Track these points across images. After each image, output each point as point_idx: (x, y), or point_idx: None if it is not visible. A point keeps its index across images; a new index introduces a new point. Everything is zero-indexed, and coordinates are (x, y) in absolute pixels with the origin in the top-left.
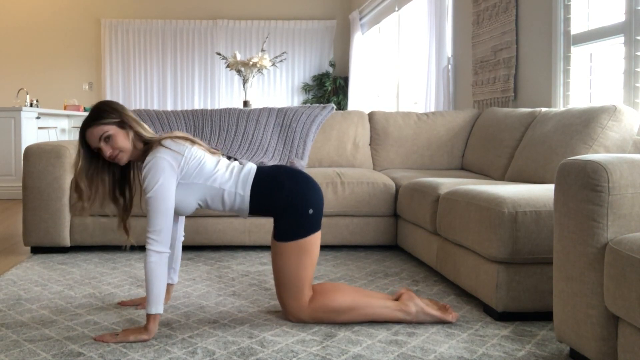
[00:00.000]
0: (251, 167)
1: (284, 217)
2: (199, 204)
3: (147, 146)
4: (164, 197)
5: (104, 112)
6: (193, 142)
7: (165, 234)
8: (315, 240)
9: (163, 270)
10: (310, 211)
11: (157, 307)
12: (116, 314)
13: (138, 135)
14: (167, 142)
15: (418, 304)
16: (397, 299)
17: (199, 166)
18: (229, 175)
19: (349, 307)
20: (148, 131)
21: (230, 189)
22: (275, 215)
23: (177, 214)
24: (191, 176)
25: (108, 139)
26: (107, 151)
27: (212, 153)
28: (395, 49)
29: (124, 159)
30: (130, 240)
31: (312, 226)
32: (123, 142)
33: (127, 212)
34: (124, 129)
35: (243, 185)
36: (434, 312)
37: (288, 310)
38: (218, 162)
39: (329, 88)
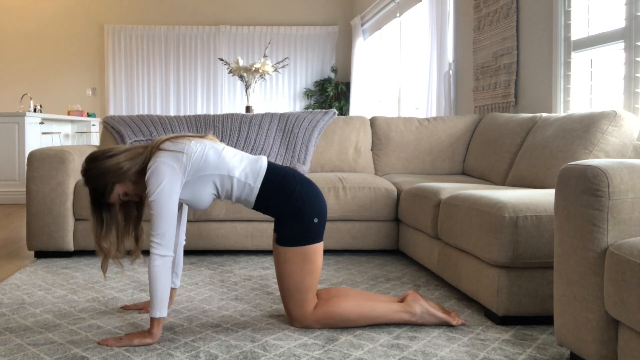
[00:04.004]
0: (263, 161)
1: (289, 222)
2: (214, 194)
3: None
4: (167, 201)
5: (98, 186)
6: (190, 138)
7: (168, 238)
8: (317, 249)
9: (167, 273)
10: (316, 220)
11: (162, 310)
12: (119, 318)
13: (134, 171)
14: (165, 145)
15: (423, 305)
16: (402, 301)
17: (203, 158)
18: (238, 162)
19: (353, 312)
20: (136, 155)
21: (240, 177)
22: (280, 219)
23: (195, 209)
24: (199, 169)
25: (125, 195)
26: (135, 199)
27: (202, 137)
28: (397, 54)
29: (144, 192)
30: (137, 255)
31: (315, 235)
32: (133, 190)
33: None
34: (124, 181)
35: (254, 177)
36: (439, 313)
37: (293, 317)
38: (222, 149)
39: (331, 93)
